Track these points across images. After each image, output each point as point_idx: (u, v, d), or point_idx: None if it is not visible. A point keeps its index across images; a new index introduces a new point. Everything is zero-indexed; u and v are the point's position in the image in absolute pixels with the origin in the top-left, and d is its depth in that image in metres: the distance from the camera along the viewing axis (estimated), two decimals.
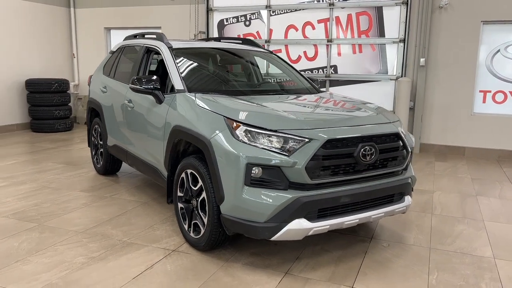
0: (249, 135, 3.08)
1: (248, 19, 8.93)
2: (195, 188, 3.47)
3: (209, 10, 9.15)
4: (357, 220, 3.28)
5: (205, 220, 3.37)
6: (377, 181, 3.39)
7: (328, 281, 3.12)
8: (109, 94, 5.25)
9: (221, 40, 5.44)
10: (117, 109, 5.00)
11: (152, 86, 4.01)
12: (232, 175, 3.04)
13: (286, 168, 2.99)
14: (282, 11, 8.62)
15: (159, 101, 4.04)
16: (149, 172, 4.40)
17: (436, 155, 7.68)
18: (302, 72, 5.31)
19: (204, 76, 4.40)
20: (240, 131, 3.11)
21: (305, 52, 8.59)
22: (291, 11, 8.55)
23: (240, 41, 5.41)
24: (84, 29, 10.49)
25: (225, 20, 9.12)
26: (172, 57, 4.27)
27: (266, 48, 6.86)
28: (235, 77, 4.68)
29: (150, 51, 4.76)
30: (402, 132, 3.55)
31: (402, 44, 7.87)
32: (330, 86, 8.47)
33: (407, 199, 3.64)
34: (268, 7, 8.66)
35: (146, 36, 5.25)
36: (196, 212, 3.50)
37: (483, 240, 3.94)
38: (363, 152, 3.19)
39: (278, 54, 8.52)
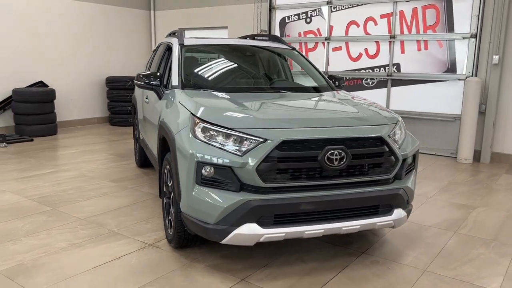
0: (206, 133, 2.98)
1: (309, 16, 8.68)
2: (170, 185, 3.46)
3: (271, 8, 9.08)
4: (322, 231, 2.99)
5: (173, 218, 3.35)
6: (353, 190, 3.05)
7: None
8: (139, 91, 5.49)
9: (255, 38, 5.37)
10: (141, 105, 5.21)
11: (153, 82, 4.08)
12: (186, 173, 2.97)
13: (238, 169, 2.84)
14: (343, 6, 8.22)
15: (159, 97, 4.11)
16: (156, 166, 4.51)
17: (509, 167, 6.69)
18: (326, 72, 4.98)
19: (205, 73, 4.36)
20: (198, 128, 3.03)
21: (366, 50, 8.09)
22: (353, 6, 8.11)
23: (267, 38, 5.28)
24: (162, 30, 11.11)
25: (286, 18, 8.98)
26: (179, 53, 4.31)
27: (323, 43, 6.57)
28: (239, 74, 4.56)
29: (169, 49, 4.86)
30: (388, 136, 3.15)
31: (473, 39, 6.99)
32: (392, 86, 7.85)
33: (398, 212, 3.22)
34: (329, 2, 8.32)
35: (175, 34, 5.37)
36: (170, 208, 3.49)
37: (500, 269, 3.32)
38: (329, 156, 2.88)
39: (339, 52, 8.17)
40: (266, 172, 2.84)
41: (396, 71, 7.79)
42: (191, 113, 3.16)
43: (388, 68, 7.86)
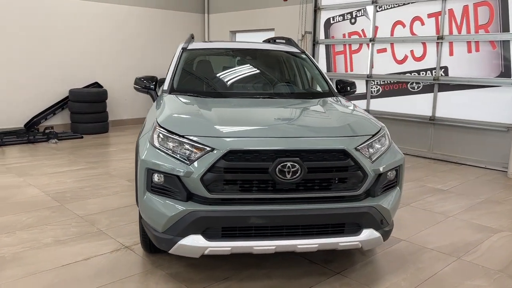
0: (161, 139, 2.94)
1: (353, 16, 8.30)
2: None
3: (316, 9, 8.82)
4: (274, 247, 2.80)
5: None
6: (313, 205, 2.83)
7: None
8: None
9: (275, 41, 5.26)
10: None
11: (147, 85, 4.14)
12: (139, 179, 2.96)
13: (184, 178, 2.76)
14: (389, 6, 7.74)
15: (153, 100, 4.16)
16: None
17: None
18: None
19: (199, 77, 4.31)
20: (155, 135, 2.99)
21: (412, 52, 7.53)
22: (399, 6, 7.60)
23: (284, 41, 5.13)
24: (215, 32, 11.30)
25: (331, 19, 8.66)
26: (178, 57, 4.32)
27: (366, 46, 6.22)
28: (233, 78, 4.45)
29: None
30: (356, 149, 2.87)
31: None
32: (439, 91, 7.23)
33: (368, 233, 2.93)
34: (374, 2, 7.88)
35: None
36: None
37: None
38: (281, 169, 2.70)
39: (383, 54, 7.72)
40: (212, 183, 2.73)
41: (443, 74, 7.16)
42: (156, 119, 3.14)
43: (435, 72, 7.25)
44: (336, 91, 4.25)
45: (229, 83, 4.30)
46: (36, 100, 8.85)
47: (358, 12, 8.22)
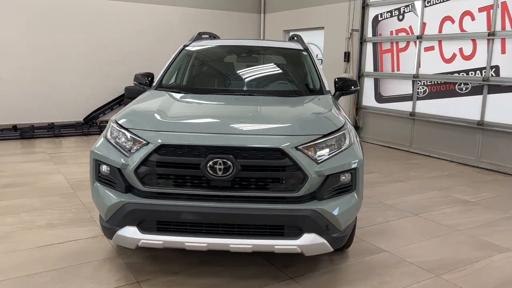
0: (113, 133, 3.05)
1: (401, 12, 7.82)
2: None
3: (365, 5, 8.45)
4: (205, 245, 2.77)
5: None
6: (249, 205, 2.75)
7: None
8: None
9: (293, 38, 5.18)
10: None
11: (143, 82, 4.30)
12: (90, 169, 3.09)
13: (123, 170, 2.84)
14: (438, 0, 7.17)
15: None
16: None
17: None
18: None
19: (187, 74, 4.36)
20: (110, 128, 3.11)
21: (461, 50, 6.91)
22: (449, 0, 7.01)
23: (294, 38, 5.03)
24: (270, 32, 11.33)
25: (379, 15, 8.25)
26: (176, 55, 4.44)
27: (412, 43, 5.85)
28: (218, 76, 4.43)
29: None
30: (297, 148, 2.73)
31: None
32: (489, 93, 6.54)
33: (309, 238, 2.78)
34: None
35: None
36: None
37: None
38: (212, 165, 2.67)
39: (431, 52, 7.20)
40: (146, 176, 2.77)
41: (494, 75, 6.46)
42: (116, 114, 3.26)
43: (484, 72, 6.57)
44: (327, 89, 4.05)
45: (214, 80, 4.32)
46: (95, 96, 9.58)
47: (406, 8, 7.73)
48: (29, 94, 8.82)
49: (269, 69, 4.55)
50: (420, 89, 7.58)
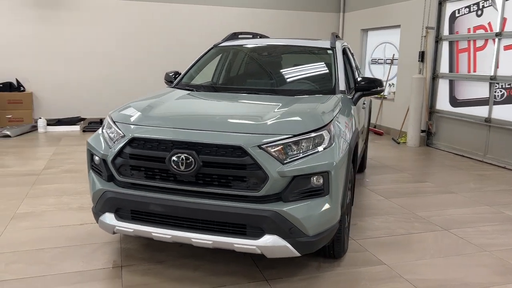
0: (106, 126, 3.27)
1: (480, 7, 7.07)
2: None
3: (441, 1, 7.80)
4: (170, 237, 2.86)
5: None
6: (212, 201, 2.78)
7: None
8: None
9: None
10: None
11: (170, 80, 4.53)
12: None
13: (106, 160, 3.05)
14: None
15: None
16: None
17: None
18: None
19: (206, 73, 4.45)
20: (105, 122, 3.34)
21: None
22: None
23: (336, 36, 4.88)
24: (348, 32, 11.01)
25: (456, 11, 7.55)
26: (203, 54, 4.60)
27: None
28: (234, 74, 4.43)
29: None
30: (259, 147, 2.68)
31: None
32: None
33: (270, 239, 2.71)
34: None
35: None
36: None
37: None
38: (176, 160, 2.75)
39: (511, 51, 6.43)
40: (122, 166, 2.95)
41: None
42: None
43: None
44: (341, 89, 3.85)
45: (229, 78, 4.36)
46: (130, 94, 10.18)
47: (485, 2, 6.96)
48: (118, 92, 9.68)
49: (285, 68, 4.47)
50: (498, 92, 6.77)
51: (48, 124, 8.95)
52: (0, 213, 4.23)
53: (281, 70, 4.44)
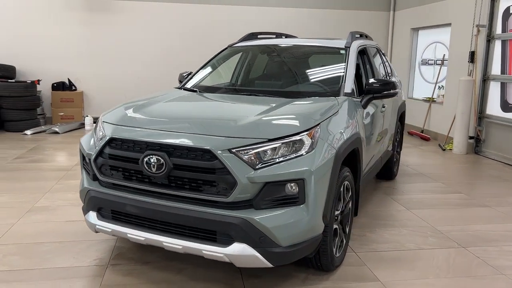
0: (98, 123, 3.31)
1: None
2: None
3: None
4: (143, 239, 2.83)
5: None
6: (182, 205, 2.72)
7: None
8: None
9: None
10: None
11: (181, 80, 4.53)
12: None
13: (91, 159, 3.09)
14: None
15: None
16: None
17: None
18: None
19: (211, 73, 4.38)
20: (98, 122, 3.38)
21: None
22: None
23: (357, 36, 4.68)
24: (398, 31, 10.49)
25: (510, 8, 6.91)
26: (214, 55, 4.57)
27: None
28: (237, 75, 4.31)
29: None
30: (229, 151, 2.57)
31: None
32: None
33: (239, 248, 2.60)
34: None
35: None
36: None
37: None
38: (148, 161, 2.72)
39: None
40: (102, 166, 2.97)
41: None
42: None
43: None
44: (347, 92, 3.63)
45: (235, 79, 4.27)
46: None
47: None
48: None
49: (293, 69, 4.29)
50: None
51: (94, 122, 9.39)
52: (20, 206, 4.46)
53: (289, 71, 4.28)
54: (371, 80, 3.78)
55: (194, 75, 4.36)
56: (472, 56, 7.60)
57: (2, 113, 8.75)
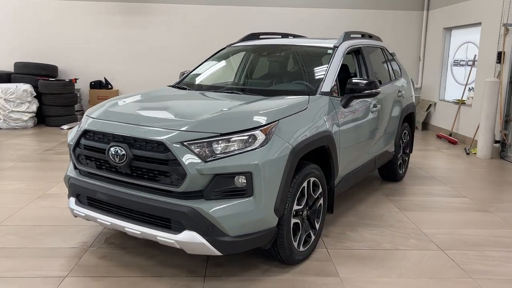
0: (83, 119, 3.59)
1: None
2: None
3: None
4: (109, 224, 3.07)
5: None
6: (141, 193, 2.93)
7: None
8: None
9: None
10: None
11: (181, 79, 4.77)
12: None
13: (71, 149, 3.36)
14: None
15: None
16: None
17: None
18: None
19: (204, 72, 4.55)
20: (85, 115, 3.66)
21: None
22: None
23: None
24: (432, 31, 10.20)
25: None
26: (214, 54, 4.77)
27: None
28: (224, 74, 4.44)
29: None
30: (182, 144, 2.74)
31: None
32: None
33: (189, 235, 2.77)
34: None
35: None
36: None
37: None
38: (112, 152, 2.96)
39: None
40: (79, 156, 3.24)
41: None
42: None
43: None
44: (324, 91, 3.68)
45: (223, 78, 4.42)
46: None
47: None
48: None
49: (279, 68, 4.39)
50: None
51: None
52: (33, 192, 4.88)
53: (275, 71, 4.38)
54: (353, 80, 3.80)
55: (189, 73, 4.57)
56: (500, 56, 7.28)
57: (43, 109, 9.45)
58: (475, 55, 8.48)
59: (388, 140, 4.99)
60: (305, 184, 3.22)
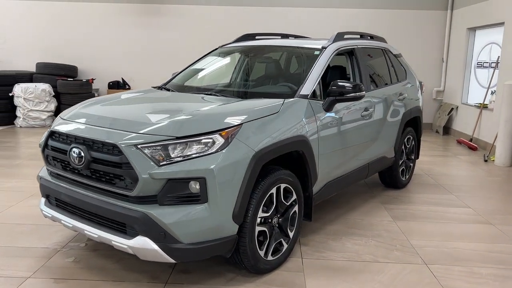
0: None
1: None
2: None
3: None
4: (71, 226, 3.05)
5: None
6: (100, 196, 2.89)
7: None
8: None
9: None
10: None
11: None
12: None
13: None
14: None
15: None
16: None
17: None
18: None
19: (189, 74, 4.48)
20: None
21: None
22: None
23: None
24: (455, 31, 9.77)
25: None
26: (205, 55, 4.71)
27: None
28: (206, 76, 4.35)
29: None
30: (135, 147, 2.68)
31: None
32: None
33: (142, 241, 2.70)
34: None
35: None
36: None
37: None
38: (72, 154, 2.93)
39: None
40: (47, 157, 3.24)
41: None
42: None
43: None
44: (304, 94, 3.54)
45: (205, 79, 4.34)
46: None
47: None
48: None
49: (265, 70, 4.27)
50: None
51: None
52: (28, 191, 4.96)
53: (259, 73, 4.27)
54: (336, 82, 3.63)
55: (177, 74, 4.52)
56: None
57: (61, 108, 9.67)
58: (498, 56, 8.04)
59: (385, 145, 4.77)
60: (273, 190, 3.09)
